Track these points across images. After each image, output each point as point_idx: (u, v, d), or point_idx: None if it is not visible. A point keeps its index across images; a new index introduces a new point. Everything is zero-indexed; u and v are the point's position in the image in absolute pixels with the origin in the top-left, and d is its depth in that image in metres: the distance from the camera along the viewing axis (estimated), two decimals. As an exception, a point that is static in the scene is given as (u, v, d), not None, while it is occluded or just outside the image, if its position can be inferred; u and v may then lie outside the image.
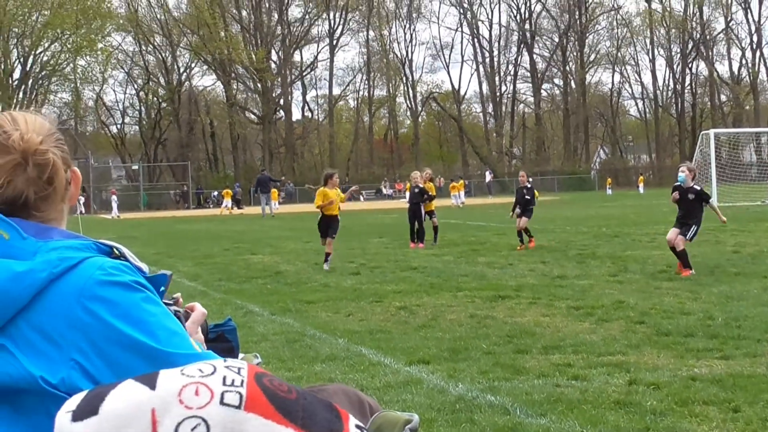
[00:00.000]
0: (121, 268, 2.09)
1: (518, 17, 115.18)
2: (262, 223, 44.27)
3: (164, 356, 1.95)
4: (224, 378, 1.37)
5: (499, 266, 18.71)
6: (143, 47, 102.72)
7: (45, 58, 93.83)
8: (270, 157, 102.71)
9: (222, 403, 1.33)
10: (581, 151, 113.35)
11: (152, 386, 1.37)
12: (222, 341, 3.63)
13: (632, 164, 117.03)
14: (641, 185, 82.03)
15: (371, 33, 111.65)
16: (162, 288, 2.29)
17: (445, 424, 6.85)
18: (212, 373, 1.38)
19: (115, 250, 2.19)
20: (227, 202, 68.13)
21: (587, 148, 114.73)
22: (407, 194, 71.40)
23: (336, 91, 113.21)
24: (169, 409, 1.32)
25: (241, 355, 3.74)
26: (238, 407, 1.33)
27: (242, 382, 1.37)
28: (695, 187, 16.63)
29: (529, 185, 24.03)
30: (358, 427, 1.42)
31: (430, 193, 25.60)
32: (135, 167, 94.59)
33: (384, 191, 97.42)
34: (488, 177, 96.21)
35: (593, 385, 7.94)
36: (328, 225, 19.91)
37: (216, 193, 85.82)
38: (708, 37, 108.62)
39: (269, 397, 1.36)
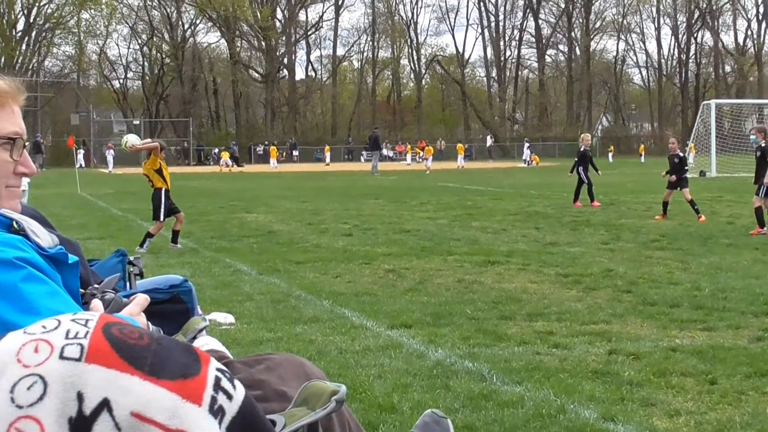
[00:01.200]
0: (8, 242, 2.01)
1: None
2: (261, 182, 44.24)
3: None
4: (68, 331, 1.33)
5: (492, 231, 18.67)
6: (148, 2, 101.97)
7: (49, 11, 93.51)
8: (272, 116, 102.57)
9: (61, 357, 1.28)
10: (584, 118, 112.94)
11: None
12: (177, 302, 3.61)
13: (634, 132, 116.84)
14: (642, 154, 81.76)
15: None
16: (72, 261, 2.22)
17: (420, 390, 6.80)
18: (55, 329, 1.34)
19: (15, 223, 2.12)
20: (225, 160, 68.97)
21: (590, 116, 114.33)
22: (408, 157, 70.46)
23: (340, 51, 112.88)
24: (5, 371, 1.28)
25: (203, 316, 3.71)
26: (79, 359, 1.28)
27: (86, 333, 1.32)
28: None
29: (681, 154, 22.13)
30: (220, 370, 1.37)
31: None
32: (136, 122, 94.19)
33: (384, 152, 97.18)
34: (489, 141, 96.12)
35: (573, 354, 7.91)
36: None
37: (216, 150, 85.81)
38: (714, 7, 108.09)
39: (114, 345, 1.31)
